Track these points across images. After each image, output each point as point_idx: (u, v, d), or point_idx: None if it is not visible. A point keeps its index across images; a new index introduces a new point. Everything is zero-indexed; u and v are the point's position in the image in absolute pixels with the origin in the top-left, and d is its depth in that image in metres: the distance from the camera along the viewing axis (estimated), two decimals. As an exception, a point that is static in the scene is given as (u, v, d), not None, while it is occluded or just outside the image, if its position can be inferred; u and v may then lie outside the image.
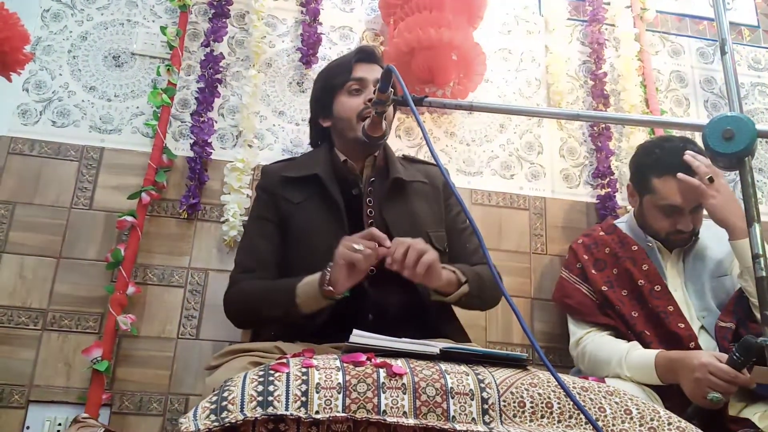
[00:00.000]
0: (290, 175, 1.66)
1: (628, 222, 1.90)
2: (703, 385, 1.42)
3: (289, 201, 1.62)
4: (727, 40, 1.05)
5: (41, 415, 1.76)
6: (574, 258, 1.88)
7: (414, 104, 1.20)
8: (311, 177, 1.62)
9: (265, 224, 1.64)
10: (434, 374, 1.00)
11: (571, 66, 2.47)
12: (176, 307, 1.92)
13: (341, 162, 1.65)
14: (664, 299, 1.70)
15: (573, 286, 1.84)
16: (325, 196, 1.59)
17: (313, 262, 1.49)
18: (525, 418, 0.99)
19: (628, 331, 1.71)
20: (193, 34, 2.21)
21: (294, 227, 1.60)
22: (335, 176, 1.63)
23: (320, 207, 1.59)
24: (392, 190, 1.62)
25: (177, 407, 1.82)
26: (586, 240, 1.90)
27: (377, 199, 1.61)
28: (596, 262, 1.84)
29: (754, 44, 2.66)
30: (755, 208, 0.98)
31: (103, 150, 2.03)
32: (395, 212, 1.59)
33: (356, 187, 1.62)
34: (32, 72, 2.06)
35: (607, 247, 1.84)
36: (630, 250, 1.79)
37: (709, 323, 1.70)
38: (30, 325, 1.83)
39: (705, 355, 1.47)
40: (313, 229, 1.57)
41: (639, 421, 1.03)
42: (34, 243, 1.90)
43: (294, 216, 1.60)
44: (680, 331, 1.64)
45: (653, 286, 1.72)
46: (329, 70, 1.75)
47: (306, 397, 0.92)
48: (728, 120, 0.96)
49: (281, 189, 1.65)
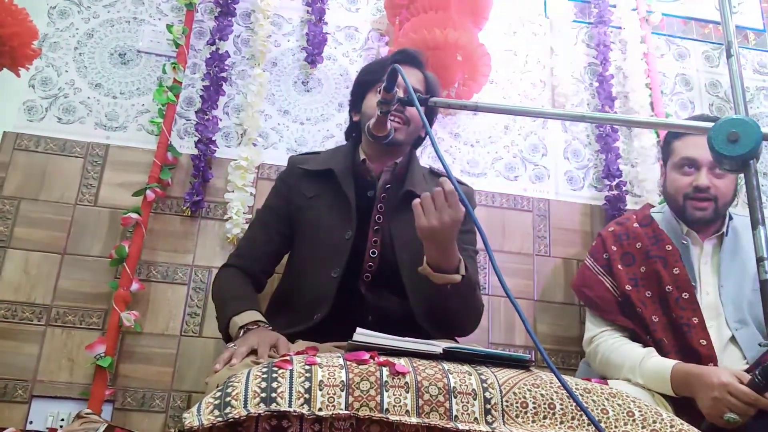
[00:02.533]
0: (308, 168, 1.67)
1: (663, 213, 1.80)
2: (722, 405, 1.36)
3: (303, 194, 1.63)
4: (733, 43, 1.05)
5: (44, 410, 1.77)
6: (602, 247, 1.78)
7: (419, 104, 1.20)
8: (327, 172, 1.63)
9: (270, 214, 1.67)
10: (437, 373, 1.00)
11: (576, 68, 2.47)
12: (179, 305, 1.92)
13: (360, 161, 1.64)
14: (689, 310, 1.61)
15: (596, 277, 1.74)
16: (338, 192, 1.59)
17: (318, 256, 1.53)
18: (527, 419, 0.99)
19: (647, 336, 1.62)
20: (199, 32, 2.22)
21: (304, 221, 1.61)
22: (352, 174, 1.62)
23: (332, 203, 1.59)
24: (404, 202, 1.57)
25: (180, 404, 1.83)
26: (618, 229, 1.79)
27: (389, 206, 1.59)
28: (624, 256, 1.73)
29: (759, 48, 2.66)
30: (760, 211, 0.97)
31: (109, 147, 2.03)
32: (402, 223, 1.56)
33: (372, 190, 1.61)
34: (38, 68, 2.07)
35: (639, 241, 1.72)
36: (663, 250, 1.68)
37: (742, 336, 1.60)
38: (34, 320, 1.84)
39: (725, 374, 1.40)
40: (322, 225, 1.58)
41: (641, 423, 1.03)
42: (39, 239, 1.90)
43: (305, 210, 1.62)
44: (701, 348, 1.56)
45: (681, 294, 1.62)
46: (367, 67, 1.77)
47: (309, 394, 0.92)
48: (734, 123, 0.96)
49: (298, 181, 1.66)
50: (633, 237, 1.74)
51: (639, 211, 1.85)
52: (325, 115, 2.21)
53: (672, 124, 1.50)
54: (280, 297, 1.65)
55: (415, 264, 1.51)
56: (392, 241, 1.55)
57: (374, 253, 1.55)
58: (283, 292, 1.64)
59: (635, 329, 1.65)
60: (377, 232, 1.57)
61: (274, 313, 1.58)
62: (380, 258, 1.55)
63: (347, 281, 1.52)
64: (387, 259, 1.55)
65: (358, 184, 1.61)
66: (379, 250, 1.55)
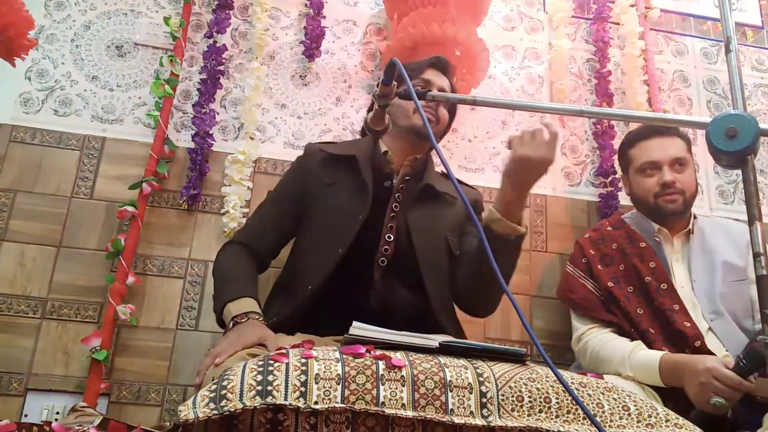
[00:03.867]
0: (330, 151, 1.68)
1: (634, 216, 1.90)
2: (708, 389, 1.41)
3: (321, 181, 1.64)
4: (732, 38, 1.05)
5: (39, 403, 1.77)
6: (580, 253, 1.87)
7: (417, 98, 1.20)
8: (349, 158, 1.64)
9: (284, 195, 1.68)
10: (433, 367, 1.00)
11: (575, 64, 2.47)
12: (175, 298, 1.92)
13: (381, 152, 1.66)
14: (670, 297, 1.69)
15: (578, 281, 1.83)
16: (356, 179, 1.60)
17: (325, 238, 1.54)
18: (523, 413, 0.99)
19: (631, 329, 1.69)
20: (196, 25, 2.21)
21: (318, 207, 1.61)
22: (372, 164, 1.64)
23: (350, 189, 1.60)
24: (422, 194, 1.63)
25: (175, 398, 1.82)
26: (594, 235, 1.89)
27: (406, 198, 1.61)
28: (603, 258, 1.82)
29: (758, 45, 2.66)
30: (757, 207, 0.98)
31: (105, 140, 2.02)
32: (419, 214, 1.60)
33: (389, 180, 1.62)
34: (35, 60, 2.06)
35: (615, 242, 1.83)
36: (638, 247, 1.79)
37: (718, 327, 1.67)
38: (29, 313, 1.83)
39: (711, 359, 1.46)
40: (337, 210, 1.58)
41: (637, 417, 1.03)
42: (35, 232, 1.89)
43: (322, 196, 1.62)
44: (686, 329, 1.62)
45: (660, 284, 1.71)
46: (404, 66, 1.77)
47: (305, 387, 0.92)
48: (731, 118, 0.96)
49: (318, 166, 1.67)
50: (608, 239, 1.85)
51: (611, 218, 1.97)
52: (323, 109, 2.21)
53: (669, 119, 1.50)
54: (281, 281, 1.65)
55: (432, 251, 1.58)
56: (408, 229, 1.56)
57: (390, 237, 1.55)
58: (285, 275, 1.64)
59: (621, 323, 1.72)
60: (393, 219, 1.58)
61: (275, 295, 1.60)
62: (395, 244, 1.55)
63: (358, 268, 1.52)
64: (403, 246, 1.55)
65: (377, 174, 1.62)
66: (394, 235, 1.56)
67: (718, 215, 2.29)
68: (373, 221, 1.55)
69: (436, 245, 1.61)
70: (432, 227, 1.61)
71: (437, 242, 1.61)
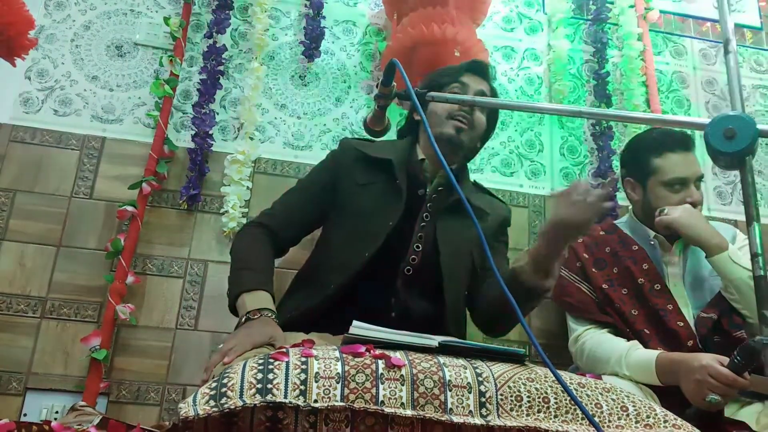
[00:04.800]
0: (366, 152, 1.64)
1: (627, 222, 1.91)
2: (703, 387, 1.42)
3: (354, 180, 1.61)
4: (731, 39, 1.06)
5: (39, 402, 1.77)
6: (574, 256, 1.88)
7: (416, 99, 1.20)
8: (385, 161, 1.61)
9: (314, 185, 1.66)
10: (432, 367, 1.01)
11: (574, 65, 2.47)
12: (175, 298, 1.92)
13: (418, 159, 1.63)
14: (663, 298, 1.70)
15: (573, 284, 1.83)
16: (390, 183, 1.58)
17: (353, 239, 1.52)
18: (522, 412, 0.99)
19: (627, 329, 1.71)
20: (196, 25, 2.21)
21: (351, 206, 1.59)
22: (408, 170, 1.61)
23: (383, 192, 1.58)
24: (453, 206, 1.59)
25: (174, 397, 1.83)
26: (587, 239, 1.89)
27: (436, 208, 1.59)
28: (596, 261, 1.83)
29: (756, 46, 2.67)
30: (755, 208, 0.98)
31: (105, 140, 2.03)
32: (448, 226, 1.58)
33: (423, 189, 1.60)
34: (35, 60, 2.06)
35: (608, 246, 1.84)
36: (630, 250, 1.80)
37: None
38: (29, 312, 1.83)
39: (706, 357, 1.47)
40: (369, 212, 1.56)
41: (635, 418, 1.03)
42: (34, 231, 1.90)
43: (354, 196, 1.60)
44: (679, 329, 1.64)
45: (653, 285, 1.72)
46: (440, 71, 1.73)
47: (305, 385, 0.92)
48: (730, 119, 0.97)
49: (352, 164, 1.63)
50: (601, 243, 1.86)
51: (603, 223, 1.95)
52: (322, 109, 2.21)
53: (667, 120, 1.51)
54: (304, 274, 1.63)
55: (457, 266, 1.56)
56: (436, 241, 1.54)
57: (418, 247, 1.54)
58: (308, 269, 1.63)
59: (616, 324, 1.73)
60: (422, 228, 1.56)
61: (296, 288, 1.58)
62: (422, 254, 1.54)
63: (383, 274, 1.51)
64: (429, 257, 1.54)
65: (411, 181, 1.59)
66: (422, 245, 1.54)
67: (715, 216, 2.29)
68: (402, 228, 1.54)
69: (461, 260, 1.59)
70: (459, 242, 1.58)
71: (463, 258, 1.60)
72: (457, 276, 1.58)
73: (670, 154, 1.77)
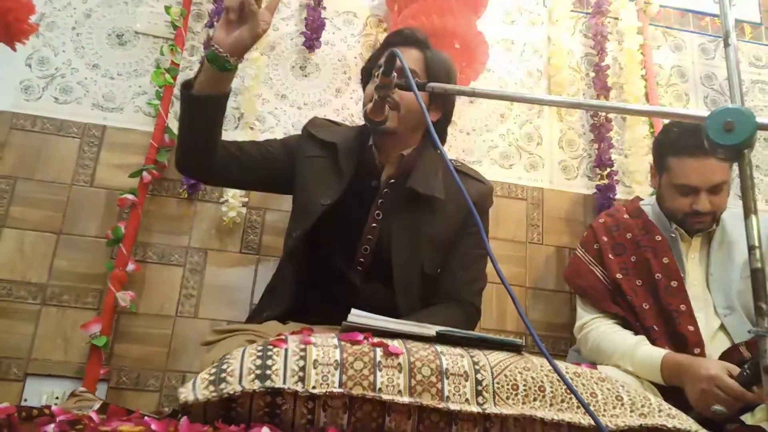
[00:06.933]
0: (315, 134, 1.63)
1: (652, 206, 1.83)
2: (709, 397, 1.38)
3: (303, 153, 1.60)
4: (731, 32, 1.06)
5: (39, 388, 1.78)
6: (593, 237, 1.81)
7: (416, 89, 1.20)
8: (331, 144, 1.58)
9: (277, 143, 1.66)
10: (430, 355, 1.02)
11: (573, 58, 2.47)
12: (175, 286, 1.93)
13: (368, 145, 1.58)
14: (678, 297, 1.64)
15: (587, 267, 1.78)
16: (335, 163, 1.56)
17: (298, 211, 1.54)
18: (518, 401, 1.00)
19: (636, 323, 1.66)
20: (197, 14, 2.21)
21: (297, 177, 1.59)
22: (357, 155, 1.57)
23: (327, 168, 1.56)
24: (407, 199, 1.52)
25: (174, 384, 1.84)
26: (609, 221, 1.82)
27: (389, 203, 1.54)
28: (615, 246, 1.77)
29: (755, 41, 2.67)
30: (753, 201, 0.99)
31: (105, 128, 2.03)
32: (400, 223, 1.52)
33: (376, 179, 1.56)
34: (35, 48, 2.06)
35: (630, 232, 1.77)
36: (653, 240, 1.73)
37: (731, 322, 1.64)
38: (29, 299, 1.84)
39: (715, 366, 1.42)
40: (310, 184, 1.56)
41: (630, 407, 1.04)
42: (35, 218, 1.90)
43: (299, 166, 1.59)
44: (689, 334, 1.59)
45: (669, 282, 1.66)
46: (371, 56, 1.70)
47: (303, 372, 0.93)
48: (729, 112, 0.97)
49: (307, 139, 1.64)
50: (623, 228, 1.78)
51: (629, 203, 1.88)
52: (323, 100, 2.21)
53: (666, 113, 1.51)
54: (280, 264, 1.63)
55: (410, 269, 1.52)
56: (389, 241, 1.51)
57: (366, 249, 1.53)
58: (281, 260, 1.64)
59: (626, 317, 1.68)
60: (374, 228, 1.53)
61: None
62: (373, 255, 1.53)
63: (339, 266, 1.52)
64: (382, 256, 1.52)
65: (362, 168, 1.56)
66: (372, 247, 1.53)
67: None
68: (356, 220, 1.52)
69: (413, 263, 1.52)
70: (410, 242, 1.51)
71: (415, 262, 1.52)
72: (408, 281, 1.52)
73: (687, 158, 1.67)
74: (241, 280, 1.97)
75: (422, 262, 1.53)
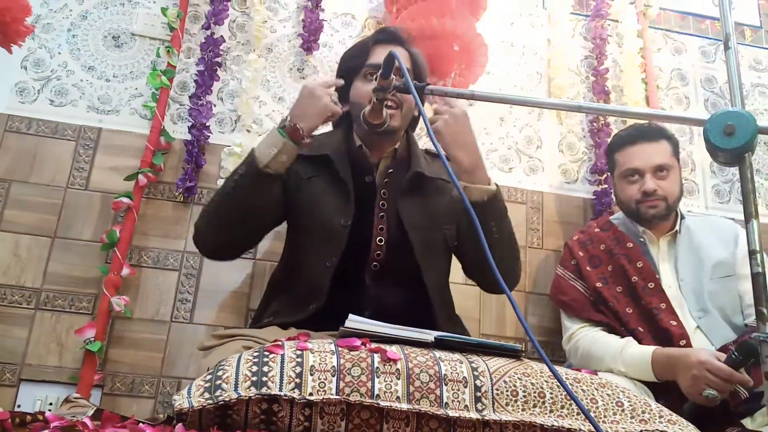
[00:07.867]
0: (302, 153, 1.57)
1: (621, 219, 1.93)
2: (700, 382, 1.43)
3: (300, 175, 1.56)
4: (731, 36, 1.05)
5: (32, 394, 1.76)
6: (569, 255, 1.90)
7: (416, 92, 1.19)
8: (323, 157, 1.56)
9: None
10: (428, 361, 1.00)
11: (573, 61, 2.46)
12: (170, 290, 1.91)
13: (356, 147, 1.59)
14: (656, 297, 1.71)
15: (568, 283, 1.85)
16: (334, 176, 1.54)
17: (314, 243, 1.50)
18: (517, 407, 0.99)
19: (621, 328, 1.72)
20: (194, 16, 2.20)
21: (301, 200, 1.55)
22: (349, 159, 1.57)
23: (329, 184, 1.54)
24: (411, 184, 1.55)
25: (169, 390, 1.82)
26: (582, 237, 1.91)
27: (393, 191, 1.55)
28: (591, 259, 1.85)
29: (755, 45, 2.66)
30: (754, 205, 0.98)
31: (101, 130, 2.01)
32: (411, 205, 1.54)
33: (369, 175, 1.56)
34: (31, 50, 2.05)
35: (603, 243, 1.85)
36: (625, 247, 1.81)
37: (705, 324, 1.69)
38: (23, 303, 1.82)
39: (703, 352, 1.48)
40: (318, 208, 1.52)
41: (630, 413, 1.03)
42: (29, 222, 1.89)
43: (302, 190, 1.56)
44: (672, 328, 1.65)
45: (647, 283, 1.74)
46: (348, 53, 1.69)
47: (300, 378, 0.92)
48: (730, 115, 0.96)
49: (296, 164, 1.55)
50: (596, 241, 1.88)
51: (599, 219, 2.00)
52: (320, 102, 2.20)
53: (666, 116, 1.50)
54: (277, 281, 1.61)
55: (431, 246, 1.53)
56: (401, 223, 1.51)
57: (381, 240, 1.51)
58: (281, 276, 1.61)
59: (610, 322, 1.74)
60: (382, 219, 1.53)
61: (271, 298, 1.56)
62: (388, 245, 1.51)
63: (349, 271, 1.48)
64: (397, 242, 1.51)
65: (355, 170, 1.55)
66: (386, 237, 1.51)
67: (713, 214, 2.29)
68: (360, 222, 1.50)
69: (434, 239, 1.55)
70: (426, 220, 1.54)
71: (436, 236, 1.56)
72: (433, 255, 1.55)
73: (628, 147, 1.84)
74: (237, 285, 1.95)
75: (444, 234, 1.57)
